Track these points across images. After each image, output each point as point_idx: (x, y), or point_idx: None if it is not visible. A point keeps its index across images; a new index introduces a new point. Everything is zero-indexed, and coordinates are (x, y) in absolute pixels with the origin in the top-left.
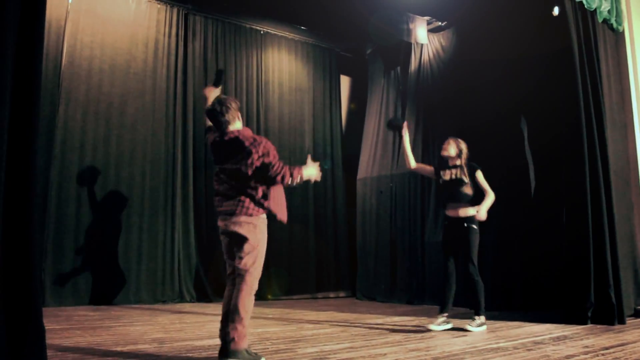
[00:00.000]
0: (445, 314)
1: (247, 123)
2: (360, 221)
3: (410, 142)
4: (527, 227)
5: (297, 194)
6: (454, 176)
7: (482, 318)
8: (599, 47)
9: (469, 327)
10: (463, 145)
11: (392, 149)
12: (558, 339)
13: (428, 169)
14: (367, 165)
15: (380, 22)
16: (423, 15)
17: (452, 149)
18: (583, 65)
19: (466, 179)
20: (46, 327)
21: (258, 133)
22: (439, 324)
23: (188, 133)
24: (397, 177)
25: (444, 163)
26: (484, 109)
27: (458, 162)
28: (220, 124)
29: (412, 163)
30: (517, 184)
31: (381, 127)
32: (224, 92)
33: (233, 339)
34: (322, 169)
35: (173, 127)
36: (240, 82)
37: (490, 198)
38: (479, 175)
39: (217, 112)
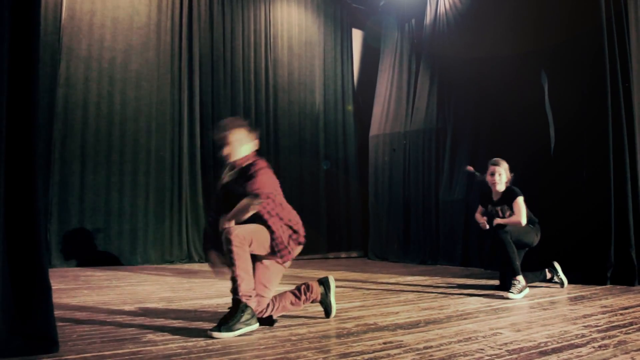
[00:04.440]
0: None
1: (255, 79)
2: (373, 180)
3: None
4: (546, 185)
5: (307, 151)
6: (501, 215)
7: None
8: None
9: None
10: (507, 168)
11: (406, 105)
12: (575, 299)
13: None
14: (380, 121)
15: None
16: None
17: (504, 176)
18: (610, 18)
19: (508, 213)
20: (53, 287)
21: (267, 89)
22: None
23: (194, 89)
24: (411, 134)
25: (487, 194)
26: (502, 63)
27: (498, 189)
28: None
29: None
30: (536, 141)
31: (394, 82)
32: (231, 48)
33: None
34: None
35: (179, 83)
36: (248, 36)
37: (515, 219)
38: (517, 203)
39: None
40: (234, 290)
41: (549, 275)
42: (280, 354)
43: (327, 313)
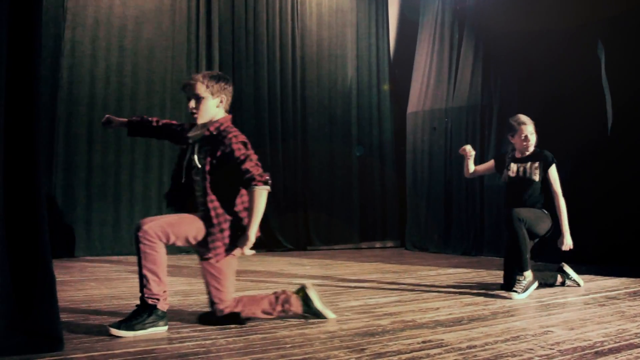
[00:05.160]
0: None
1: (280, 50)
2: (411, 162)
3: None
4: (602, 169)
5: (338, 130)
6: (522, 173)
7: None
8: None
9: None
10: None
11: (448, 79)
12: (635, 294)
13: (487, 166)
14: (419, 97)
15: None
16: None
17: (533, 137)
18: None
19: (537, 177)
20: (57, 279)
21: (293, 61)
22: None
23: (213, 59)
24: (453, 111)
25: (502, 155)
26: (554, 32)
27: (528, 152)
28: None
29: (471, 168)
30: (592, 119)
31: (435, 54)
32: (254, 15)
33: None
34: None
35: (196, 54)
36: (273, 3)
37: (563, 211)
38: (552, 171)
39: None
40: (140, 289)
41: (560, 280)
42: (309, 353)
43: (322, 318)
